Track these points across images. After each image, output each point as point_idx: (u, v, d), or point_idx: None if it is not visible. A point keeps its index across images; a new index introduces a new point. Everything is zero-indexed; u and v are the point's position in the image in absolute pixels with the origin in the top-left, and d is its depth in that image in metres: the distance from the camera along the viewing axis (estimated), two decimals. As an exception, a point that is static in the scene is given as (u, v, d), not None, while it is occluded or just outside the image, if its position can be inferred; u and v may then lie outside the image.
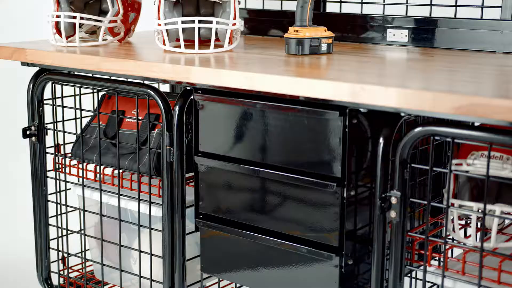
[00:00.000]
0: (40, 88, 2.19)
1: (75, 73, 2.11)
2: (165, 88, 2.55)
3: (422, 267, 1.60)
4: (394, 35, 2.17)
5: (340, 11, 2.35)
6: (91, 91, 2.23)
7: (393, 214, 1.57)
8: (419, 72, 1.77)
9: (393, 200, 1.57)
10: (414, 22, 2.14)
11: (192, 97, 1.89)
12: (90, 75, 2.09)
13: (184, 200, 1.98)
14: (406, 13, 2.21)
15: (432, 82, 1.59)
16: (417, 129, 1.51)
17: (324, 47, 1.96)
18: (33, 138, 2.23)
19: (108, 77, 2.04)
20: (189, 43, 2.06)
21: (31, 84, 2.20)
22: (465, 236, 1.86)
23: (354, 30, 2.26)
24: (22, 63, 2.20)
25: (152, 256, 2.08)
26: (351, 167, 1.66)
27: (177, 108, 1.90)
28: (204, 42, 2.12)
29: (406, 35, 2.15)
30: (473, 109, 1.35)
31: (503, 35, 1.99)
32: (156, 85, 2.05)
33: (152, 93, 1.95)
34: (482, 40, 2.03)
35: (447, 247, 1.60)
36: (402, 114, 1.54)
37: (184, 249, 2.01)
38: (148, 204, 2.06)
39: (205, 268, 1.99)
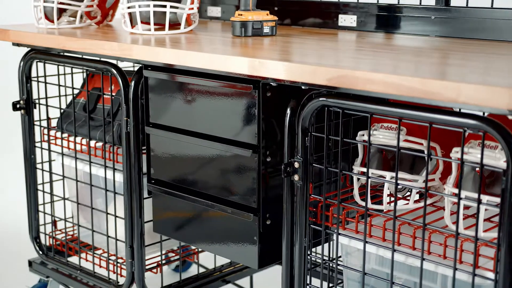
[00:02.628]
0: (27, 66, 2.44)
1: (63, 53, 2.33)
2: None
3: (334, 229, 1.78)
4: (344, 20, 2.33)
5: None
6: (76, 70, 2.47)
7: (296, 177, 1.75)
8: (328, 50, 1.93)
9: (296, 165, 1.74)
10: (361, 8, 2.29)
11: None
12: (74, 55, 2.31)
13: (141, 167, 2.19)
14: (358, 0, 2.36)
15: (326, 58, 1.75)
16: (313, 101, 1.68)
17: (267, 30, 2.14)
18: (22, 111, 2.49)
19: (91, 58, 2.24)
20: (160, 26, 2.28)
21: (21, 62, 2.46)
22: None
23: (311, 16, 2.43)
24: (13, 44, 2.45)
25: (120, 219, 2.31)
26: (266, 136, 1.84)
27: (132, 83, 2.12)
28: (173, 26, 2.32)
29: (354, 20, 2.31)
30: (341, 81, 1.51)
31: (435, 21, 2.13)
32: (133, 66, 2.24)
33: (113, 70, 2.17)
34: (418, 25, 2.17)
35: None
36: (303, 87, 1.71)
37: (141, 212, 2.22)
38: (113, 171, 2.28)
39: (156, 228, 2.20)
